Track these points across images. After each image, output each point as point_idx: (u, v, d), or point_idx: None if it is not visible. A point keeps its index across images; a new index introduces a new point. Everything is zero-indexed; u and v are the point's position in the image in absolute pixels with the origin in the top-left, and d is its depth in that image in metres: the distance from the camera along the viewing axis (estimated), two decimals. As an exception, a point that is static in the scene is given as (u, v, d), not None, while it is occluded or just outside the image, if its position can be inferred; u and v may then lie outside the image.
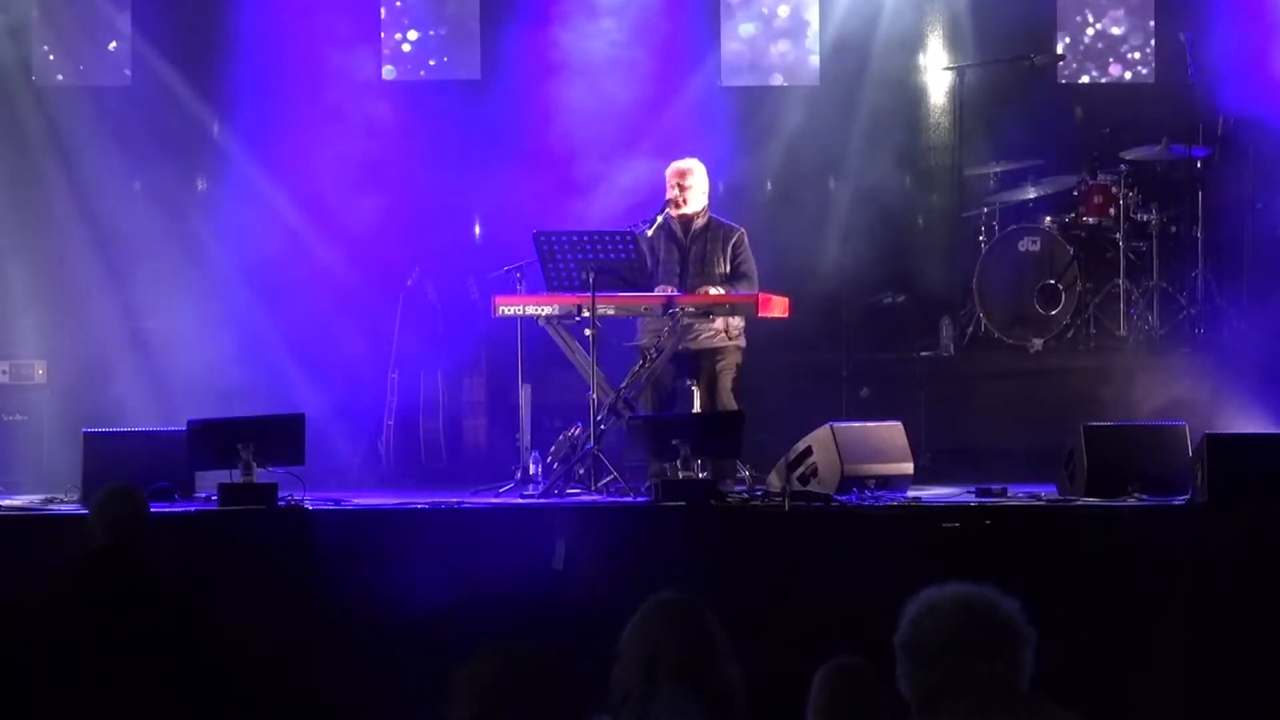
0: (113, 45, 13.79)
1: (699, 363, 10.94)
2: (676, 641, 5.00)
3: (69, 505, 10.06)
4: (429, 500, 10.17)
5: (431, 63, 14.00)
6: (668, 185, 11.11)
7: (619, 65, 13.25)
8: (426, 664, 9.19)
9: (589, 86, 13.16)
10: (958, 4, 13.76)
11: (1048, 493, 10.26)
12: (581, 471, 10.52)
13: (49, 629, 6.60)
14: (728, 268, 11.05)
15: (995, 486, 10.30)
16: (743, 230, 11.19)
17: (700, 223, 11.11)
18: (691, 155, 11.49)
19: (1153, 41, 13.92)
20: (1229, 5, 13.26)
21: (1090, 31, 14.02)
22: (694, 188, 11.09)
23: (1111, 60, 14.04)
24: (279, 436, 9.95)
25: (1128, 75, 14.03)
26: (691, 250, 11.07)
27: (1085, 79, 14.06)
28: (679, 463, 9.78)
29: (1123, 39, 14.01)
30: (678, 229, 11.09)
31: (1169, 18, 13.73)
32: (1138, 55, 13.99)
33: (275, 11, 13.39)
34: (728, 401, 10.85)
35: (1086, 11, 14.01)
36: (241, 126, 13.50)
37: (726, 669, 5.04)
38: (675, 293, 10.82)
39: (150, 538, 6.96)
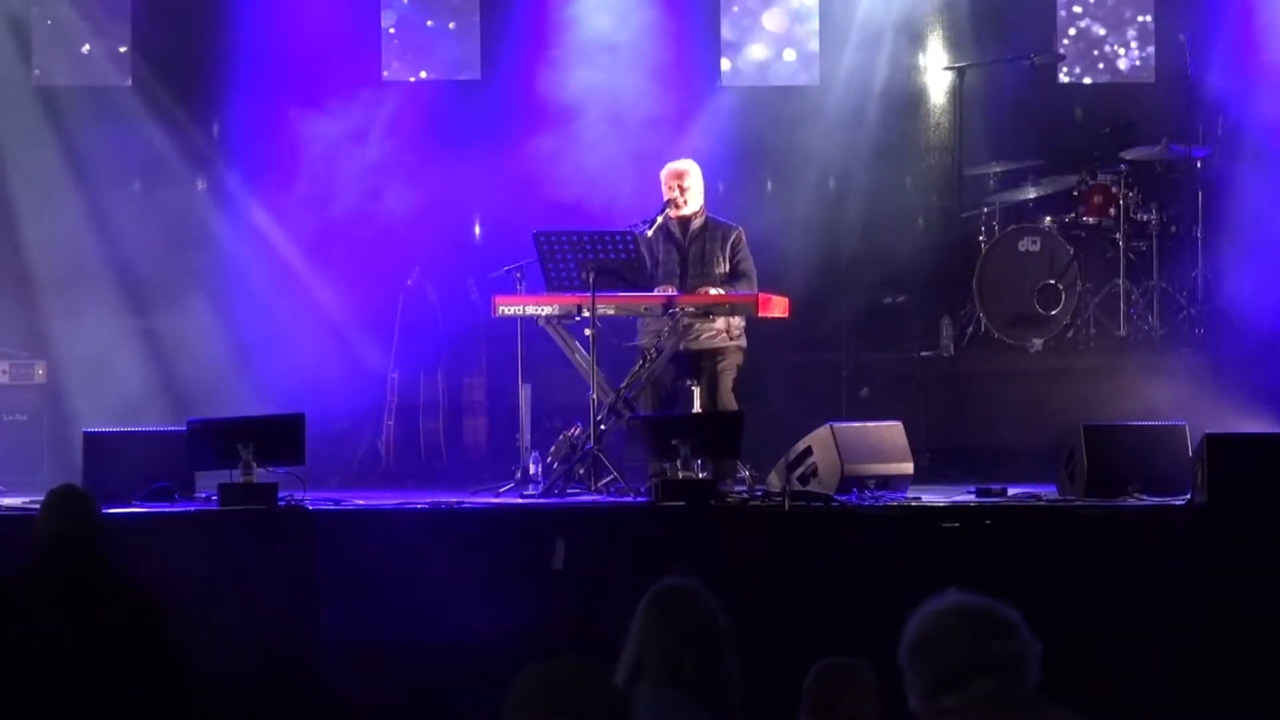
0: (105, 47, 13.79)
1: (699, 363, 10.93)
2: (662, 632, 4.99)
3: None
4: (429, 500, 10.17)
5: (431, 63, 13.99)
6: (665, 187, 11.10)
7: (619, 65, 13.25)
8: (426, 664, 9.20)
9: (589, 86, 13.16)
10: (958, 4, 13.76)
11: (1048, 493, 10.25)
12: (581, 471, 10.51)
13: (31, 634, 6.59)
14: (727, 266, 11.05)
15: (995, 486, 10.29)
16: (741, 229, 11.19)
17: (698, 222, 11.11)
18: (692, 155, 11.49)
19: (1152, 41, 13.92)
20: (1229, 5, 13.26)
21: (1090, 31, 14.02)
22: (691, 188, 11.09)
23: (1111, 60, 14.04)
24: (279, 436, 9.94)
25: (1127, 75, 14.03)
26: (690, 250, 11.07)
27: (1085, 79, 14.06)
28: (679, 463, 9.77)
29: (1122, 38, 14.01)
30: (676, 229, 11.09)
31: (1169, 17, 13.73)
32: (1137, 55, 14.00)
33: (275, 11, 13.39)
34: (728, 401, 10.85)
35: (1086, 11, 14.01)
36: (241, 127, 13.51)
37: (719, 660, 5.02)
38: (675, 293, 10.82)
39: (104, 538, 6.91)
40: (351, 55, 13.60)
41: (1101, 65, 14.05)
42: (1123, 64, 14.03)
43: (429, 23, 14.01)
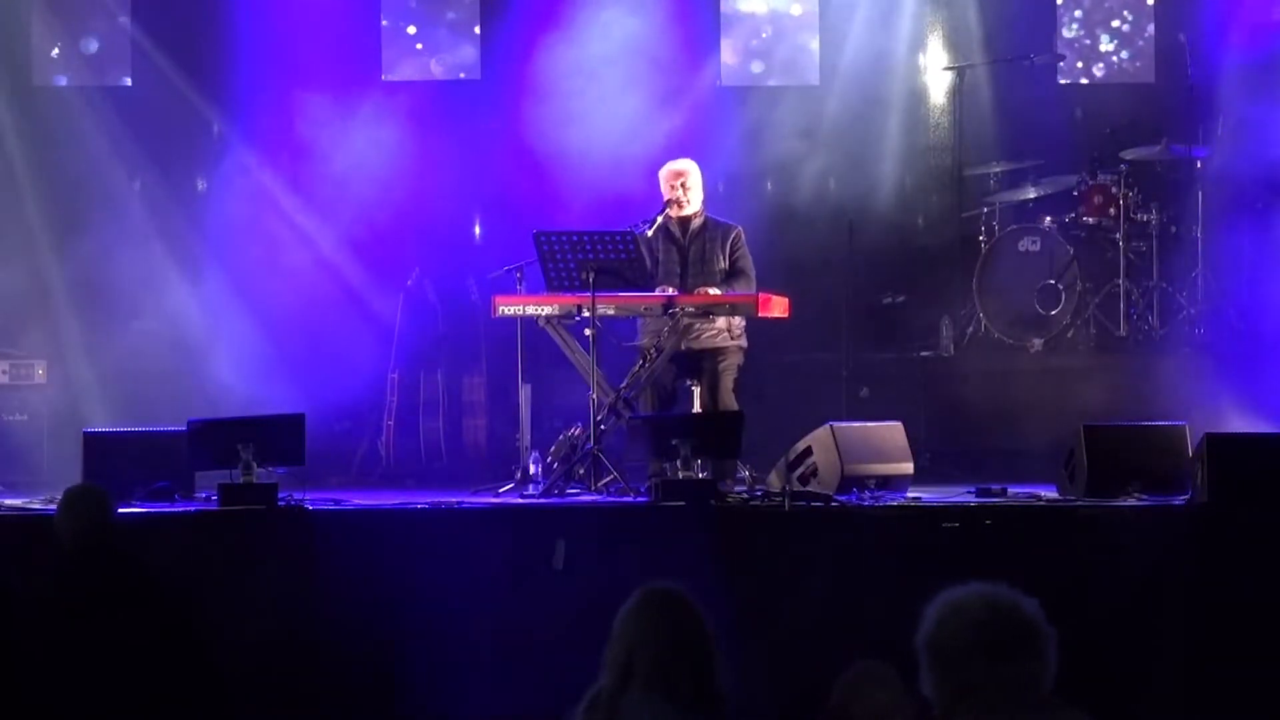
0: (105, 46, 13.79)
1: (700, 363, 10.92)
2: (656, 637, 4.92)
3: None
4: (429, 500, 10.17)
5: (432, 63, 14.00)
6: (665, 187, 11.09)
7: (619, 65, 13.25)
8: (426, 664, 9.20)
9: (589, 86, 13.16)
10: (958, 4, 13.76)
11: (1048, 493, 10.25)
12: (581, 471, 10.51)
13: (30, 635, 6.61)
14: (726, 265, 11.05)
15: (995, 486, 10.28)
16: (740, 228, 11.19)
17: (698, 222, 11.11)
18: (692, 155, 11.49)
19: (1153, 41, 13.92)
20: (1228, 5, 13.26)
21: (1089, 31, 14.02)
22: (692, 188, 11.09)
23: (1111, 60, 14.04)
24: (279, 436, 9.93)
25: (1127, 75, 14.03)
26: (690, 250, 11.06)
27: (1085, 79, 14.06)
28: (679, 463, 9.77)
29: (1122, 38, 14.01)
30: (676, 229, 11.08)
31: (1169, 18, 13.74)
32: (1137, 55, 13.99)
33: (275, 12, 13.39)
34: (728, 401, 10.84)
35: (1086, 11, 14.01)
36: (242, 127, 13.52)
37: (708, 669, 4.95)
38: (675, 293, 10.81)
39: (122, 536, 6.93)
40: (351, 55, 13.60)
41: (1101, 65, 14.05)
42: (1122, 64, 14.03)
43: (428, 23, 14.01)
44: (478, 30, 13.93)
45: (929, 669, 4.09)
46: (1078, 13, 14.03)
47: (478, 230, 13.72)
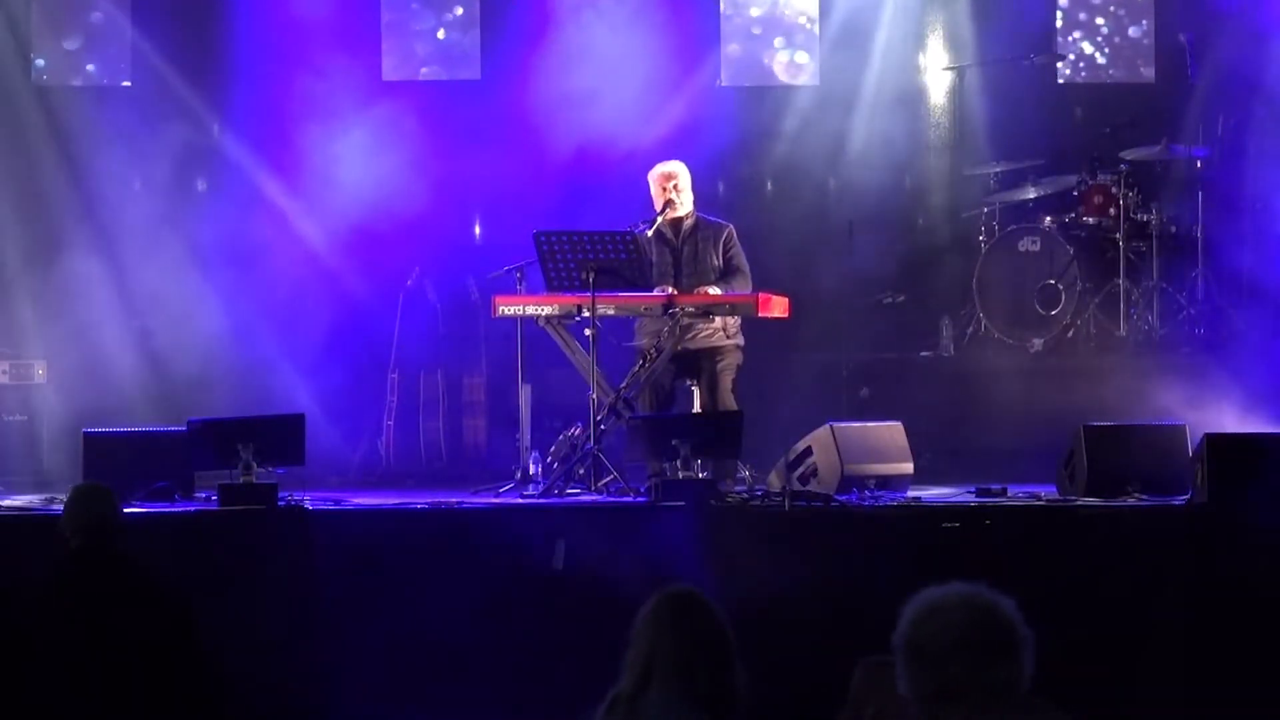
0: (105, 47, 13.79)
1: (699, 362, 10.93)
2: (674, 638, 4.95)
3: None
4: (429, 500, 10.17)
5: (431, 63, 14.00)
6: (658, 189, 11.08)
7: (619, 65, 13.25)
8: (426, 664, 9.20)
9: (589, 86, 13.17)
10: (958, 4, 13.76)
11: (1048, 493, 10.26)
12: (581, 471, 10.51)
13: (31, 634, 6.62)
14: (720, 264, 11.06)
15: (995, 486, 10.30)
16: (730, 226, 11.21)
17: (689, 223, 11.12)
18: (692, 155, 11.50)
19: (1152, 41, 13.92)
20: (1229, 5, 13.26)
21: (1090, 30, 14.03)
22: (684, 189, 11.10)
23: (1111, 60, 14.04)
24: (279, 436, 9.94)
25: (1127, 75, 14.03)
26: (684, 250, 11.07)
27: (1085, 79, 14.06)
28: (679, 463, 9.78)
29: (1122, 39, 14.01)
30: (668, 230, 11.09)
31: (1169, 18, 13.74)
32: (1137, 55, 14.00)
33: (275, 11, 13.40)
34: (727, 401, 10.84)
35: (1087, 11, 14.02)
36: (241, 126, 13.52)
37: (726, 670, 4.99)
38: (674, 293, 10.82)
39: (126, 536, 6.94)
40: (351, 55, 13.60)
41: (1101, 65, 14.05)
42: (1122, 64, 14.03)
43: (429, 22, 14.02)
44: (478, 30, 13.93)
45: (908, 668, 4.10)
46: (1078, 9, 14.02)
47: (478, 230, 13.72)
